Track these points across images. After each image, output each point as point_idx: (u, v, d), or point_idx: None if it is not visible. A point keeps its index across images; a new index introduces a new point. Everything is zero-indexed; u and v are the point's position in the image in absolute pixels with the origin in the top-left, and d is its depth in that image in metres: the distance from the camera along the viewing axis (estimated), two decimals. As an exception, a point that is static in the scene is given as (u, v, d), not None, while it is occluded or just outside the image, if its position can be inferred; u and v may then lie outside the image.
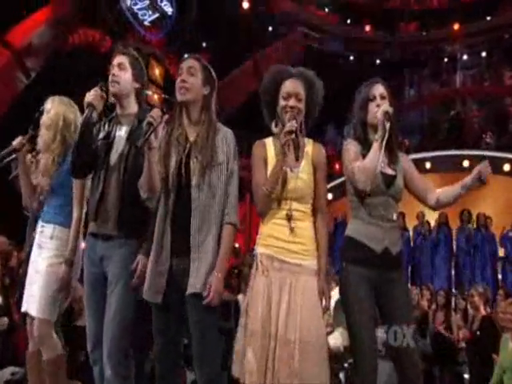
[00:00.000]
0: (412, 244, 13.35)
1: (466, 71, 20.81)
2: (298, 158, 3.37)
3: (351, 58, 22.01)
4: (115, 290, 3.47)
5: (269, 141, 3.43)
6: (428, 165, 16.15)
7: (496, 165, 15.07)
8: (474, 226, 12.89)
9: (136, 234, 3.52)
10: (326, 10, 22.04)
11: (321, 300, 3.24)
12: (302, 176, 3.34)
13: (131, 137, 3.58)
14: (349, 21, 22.24)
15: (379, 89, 3.56)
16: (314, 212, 3.39)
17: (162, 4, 16.04)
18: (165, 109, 3.27)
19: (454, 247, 12.95)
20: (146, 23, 15.45)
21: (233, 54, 17.24)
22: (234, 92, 16.46)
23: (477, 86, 20.16)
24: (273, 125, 3.44)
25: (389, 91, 3.58)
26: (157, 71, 15.56)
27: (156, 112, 3.19)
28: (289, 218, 3.28)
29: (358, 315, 3.28)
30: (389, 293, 3.37)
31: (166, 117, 3.24)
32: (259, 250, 3.33)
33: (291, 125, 3.23)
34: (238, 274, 9.30)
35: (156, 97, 14.60)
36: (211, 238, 3.24)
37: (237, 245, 12.67)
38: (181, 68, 3.39)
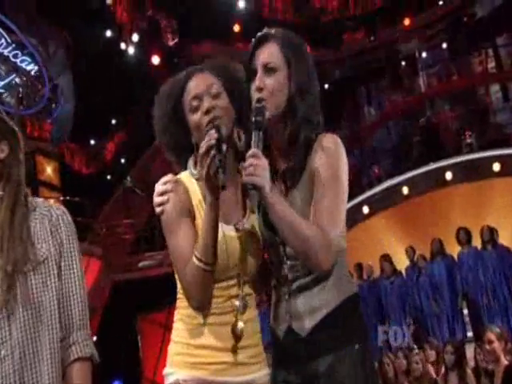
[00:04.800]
0: (408, 290, 12.63)
1: (428, 70, 20.84)
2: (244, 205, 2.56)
3: (295, 89, 21.74)
4: None
5: (186, 177, 2.53)
6: (405, 190, 16.12)
7: (484, 167, 15.19)
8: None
9: None
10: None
11: None
12: (252, 233, 2.53)
13: None
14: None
15: (260, 56, 2.52)
16: None
17: (18, 60, 14.39)
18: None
19: (459, 279, 12.09)
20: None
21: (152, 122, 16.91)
22: (161, 164, 15.76)
23: (444, 83, 19.99)
24: (190, 164, 2.55)
25: (289, 53, 2.49)
26: (48, 169, 14.67)
27: None
28: (236, 310, 2.46)
29: None
30: None
31: None
32: (180, 374, 2.43)
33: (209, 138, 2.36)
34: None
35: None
36: None
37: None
38: None
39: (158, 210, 2.49)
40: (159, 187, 2.52)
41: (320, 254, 2.35)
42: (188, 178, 2.52)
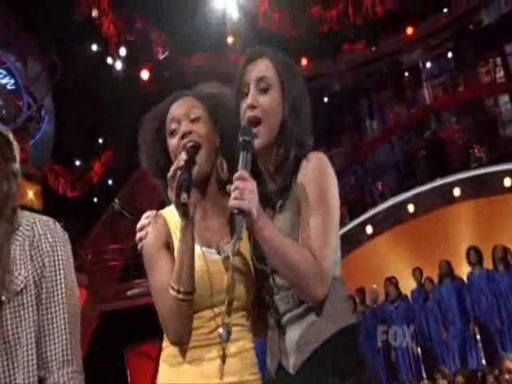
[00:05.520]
0: (414, 315, 12.36)
1: (433, 81, 20.78)
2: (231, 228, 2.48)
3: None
4: None
5: (168, 210, 2.51)
6: (411, 208, 16.06)
7: (494, 182, 15.13)
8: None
9: None
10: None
11: None
12: (239, 259, 2.46)
13: None
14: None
15: (254, 70, 2.49)
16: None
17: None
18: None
19: (469, 302, 11.79)
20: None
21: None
22: (147, 191, 15.47)
23: (450, 94, 19.84)
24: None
25: (282, 71, 2.49)
26: (30, 193, 14.31)
27: None
28: (223, 341, 2.36)
29: None
30: None
31: None
32: None
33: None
34: None
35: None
36: None
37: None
38: None
39: (138, 245, 2.47)
40: (140, 222, 2.51)
41: (312, 282, 2.28)
42: (170, 210, 2.48)
